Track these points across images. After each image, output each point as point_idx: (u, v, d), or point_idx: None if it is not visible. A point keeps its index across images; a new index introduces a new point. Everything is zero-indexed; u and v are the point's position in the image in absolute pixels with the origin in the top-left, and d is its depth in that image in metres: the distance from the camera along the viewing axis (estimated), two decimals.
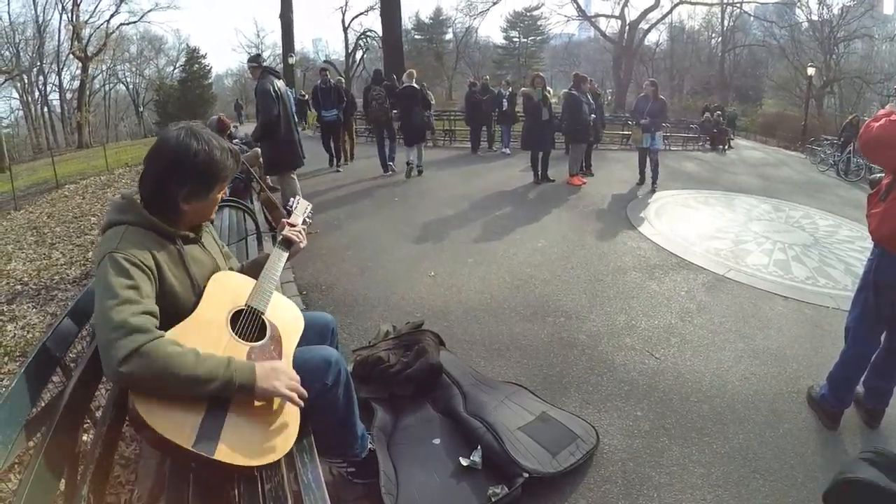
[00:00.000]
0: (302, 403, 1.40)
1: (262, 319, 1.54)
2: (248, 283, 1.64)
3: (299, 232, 1.88)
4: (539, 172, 8.78)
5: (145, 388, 1.22)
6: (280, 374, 1.38)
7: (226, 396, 1.30)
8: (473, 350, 3.27)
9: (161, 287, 1.42)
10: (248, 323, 1.50)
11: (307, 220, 1.99)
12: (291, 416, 1.40)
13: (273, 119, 5.23)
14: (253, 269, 1.77)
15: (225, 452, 1.22)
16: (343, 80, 12.12)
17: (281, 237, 1.83)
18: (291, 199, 2.04)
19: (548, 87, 8.89)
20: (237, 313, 1.51)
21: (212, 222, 1.81)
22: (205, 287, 1.53)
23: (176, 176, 1.47)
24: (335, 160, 10.23)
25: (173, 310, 1.42)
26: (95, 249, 1.44)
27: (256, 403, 1.35)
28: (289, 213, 1.96)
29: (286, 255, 1.80)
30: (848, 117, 16.35)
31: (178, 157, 1.46)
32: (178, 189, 1.48)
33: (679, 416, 2.70)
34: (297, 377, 1.43)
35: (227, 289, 1.57)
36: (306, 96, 15.56)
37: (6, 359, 4.37)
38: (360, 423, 1.98)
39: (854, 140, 13.73)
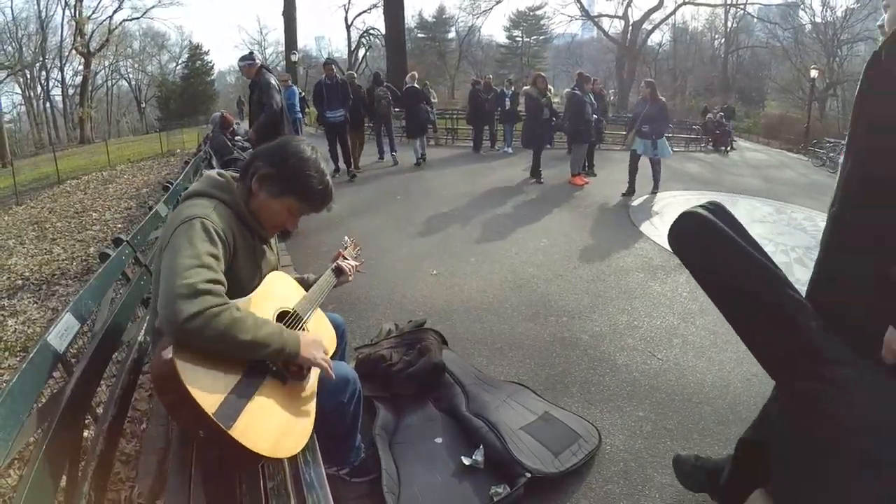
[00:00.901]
0: (333, 376, 1.51)
1: (304, 327, 1.62)
2: (298, 289, 1.74)
3: (352, 267, 2.03)
4: (533, 169, 8.94)
5: (201, 346, 1.24)
6: (319, 346, 1.48)
7: (272, 361, 1.37)
8: (476, 349, 3.27)
9: (230, 269, 1.46)
10: (291, 325, 1.56)
11: (361, 259, 2.17)
12: (308, 420, 1.42)
13: (278, 114, 5.28)
14: (301, 285, 1.86)
15: (240, 432, 1.21)
16: (355, 75, 10.62)
17: (335, 265, 1.98)
18: (346, 237, 2.27)
19: (549, 87, 9.18)
20: (283, 313, 1.57)
21: None
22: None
23: (272, 154, 1.57)
24: (348, 167, 8.94)
25: (231, 294, 1.44)
26: (180, 211, 1.45)
27: (282, 397, 1.37)
28: (344, 248, 2.15)
29: (335, 280, 1.94)
30: None
31: (289, 144, 1.59)
32: (262, 165, 1.55)
33: (681, 417, 2.69)
34: (328, 352, 1.55)
35: (280, 288, 1.66)
36: (302, 94, 15.38)
37: (7, 354, 4.36)
38: (359, 435, 2.05)
39: None
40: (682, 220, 1.62)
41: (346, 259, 2.03)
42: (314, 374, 1.53)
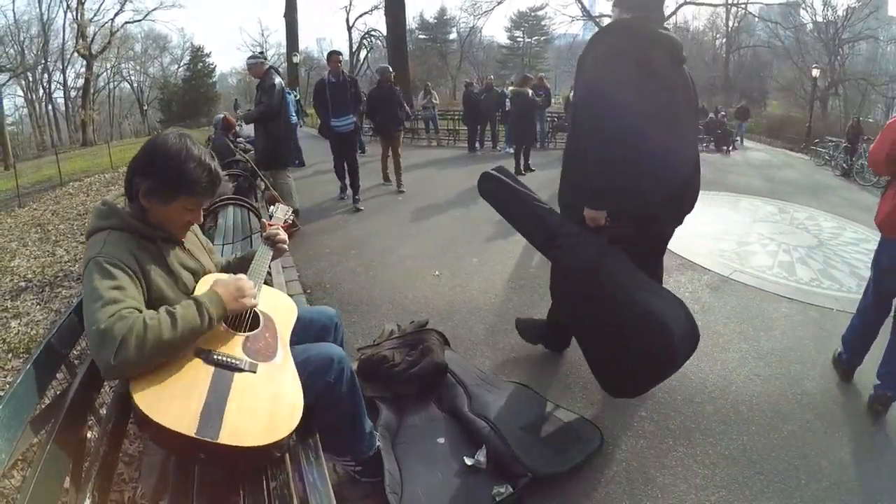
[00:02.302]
0: (257, 303, 1.54)
1: (255, 311, 1.58)
2: None
3: (279, 229, 1.94)
4: (522, 164, 9.68)
5: (143, 368, 1.26)
6: (243, 290, 1.48)
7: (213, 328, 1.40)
8: (478, 349, 3.27)
9: (148, 288, 1.45)
10: (241, 315, 1.54)
11: (287, 220, 2.08)
12: (295, 394, 1.42)
13: (274, 109, 5.31)
14: (241, 265, 1.84)
15: (229, 436, 1.22)
16: (390, 69, 7.88)
17: (263, 236, 1.92)
18: (271, 207, 2.15)
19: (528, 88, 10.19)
20: None
21: (216, 216, 1.84)
22: (194, 289, 1.58)
23: (145, 166, 1.52)
24: (355, 191, 6.99)
25: None
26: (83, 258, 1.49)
27: (258, 385, 1.37)
28: (270, 218, 2.05)
29: (271, 251, 1.87)
30: (850, 120, 16.50)
31: (154, 149, 1.53)
32: (141, 181, 1.52)
33: (683, 417, 2.70)
34: (253, 287, 1.53)
35: None
36: (298, 98, 15.29)
37: (10, 356, 4.37)
38: (368, 421, 1.98)
39: (858, 142, 13.83)
40: (483, 178, 2.81)
41: (272, 226, 1.95)
42: (282, 347, 1.53)
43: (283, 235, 1.92)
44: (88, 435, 1.68)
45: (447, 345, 2.99)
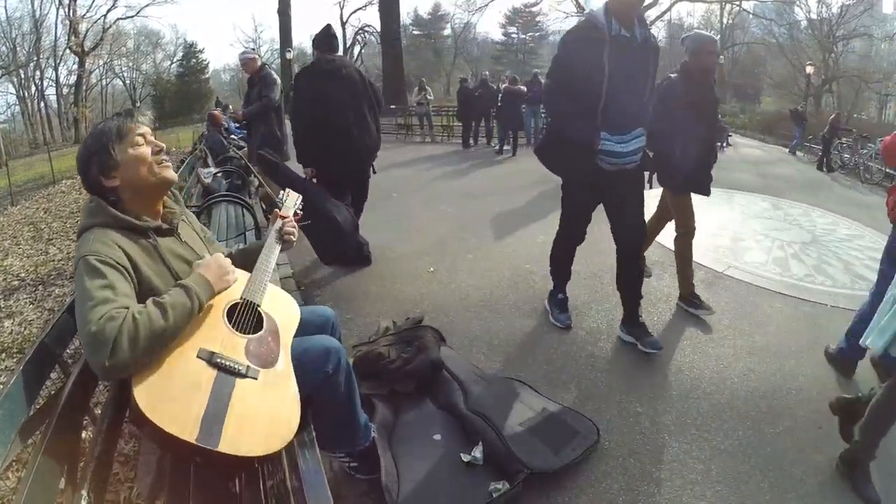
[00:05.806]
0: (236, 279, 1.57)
1: (259, 312, 1.55)
2: (242, 275, 1.63)
3: (292, 225, 1.87)
4: (512, 147, 11.73)
5: (140, 363, 1.25)
6: (224, 271, 1.53)
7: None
8: (473, 346, 3.27)
9: (139, 284, 1.43)
10: (245, 315, 1.51)
11: (298, 212, 1.97)
12: (293, 404, 1.41)
13: (274, 104, 5.38)
14: (243, 258, 1.77)
15: (229, 444, 1.21)
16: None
17: (274, 228, 1.83)
18: (281, 192, 2.03)
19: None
20: (233, 306, 1.52)
21: (210, 214, 1.81)
22: None
23: (83, 167, 1.53)
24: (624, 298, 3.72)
25: None
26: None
27: (258, 393, 1.36)
28: (280, 206, 1.93)
29: (279, 247, 1.80)
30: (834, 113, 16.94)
31: (78, 157, 1.55)
32: (92, 172, 1.52)
33: (679, 413, 2.71)
34: (230, 263, 1.58)
35: None
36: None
37: (3, 356, 4.35)
38: (363, 414, 1.98)
39: (835, 136, 14.15)
40: (260, 157, 4.26)
41: (284, 218, 1.86)
42: (283, 353, 1.51)
43: (292, 227, 1.85)
44: (83, 435, 1.67)
45: (443, 341, 2.99)
